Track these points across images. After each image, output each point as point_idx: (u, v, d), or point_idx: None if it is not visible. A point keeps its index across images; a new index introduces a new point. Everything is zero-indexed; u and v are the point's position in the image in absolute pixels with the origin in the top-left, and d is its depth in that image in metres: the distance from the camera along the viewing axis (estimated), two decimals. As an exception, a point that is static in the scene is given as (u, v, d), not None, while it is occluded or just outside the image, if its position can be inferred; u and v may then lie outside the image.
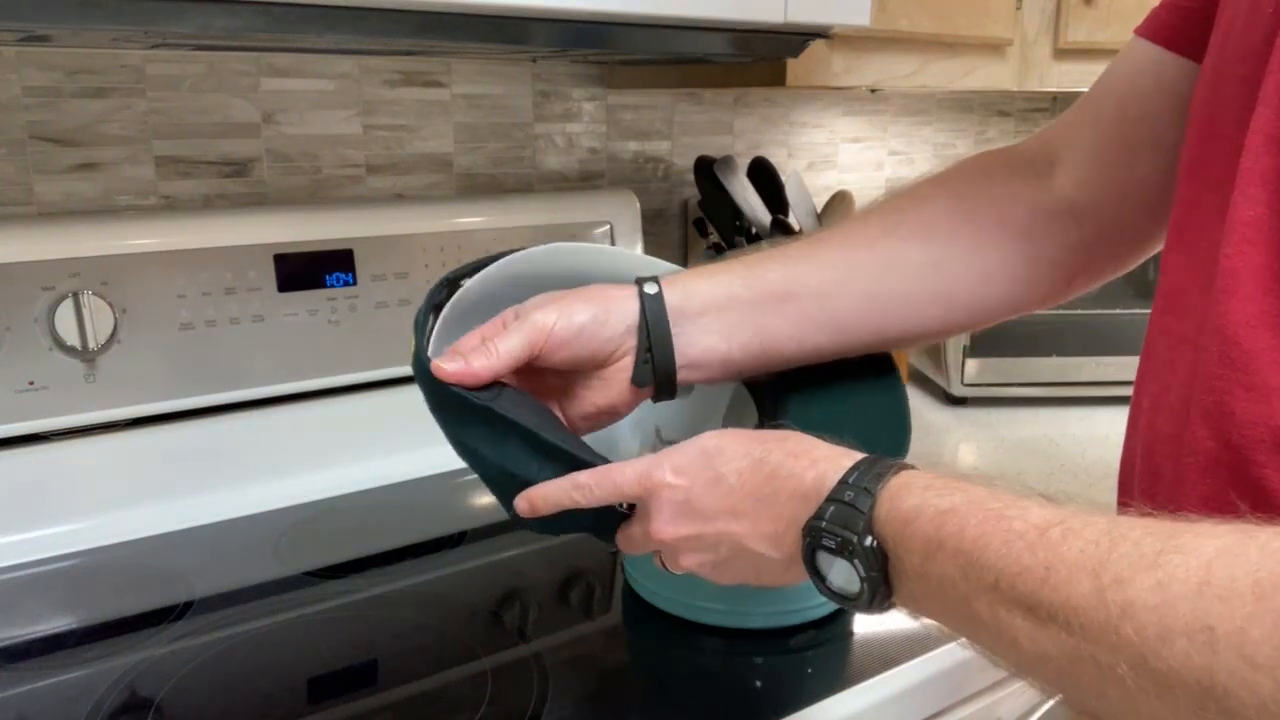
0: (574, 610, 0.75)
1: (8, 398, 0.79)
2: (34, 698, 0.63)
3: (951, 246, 0.61)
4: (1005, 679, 0.74)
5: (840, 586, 0.44)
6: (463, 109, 1.07)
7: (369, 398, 0.96)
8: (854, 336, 0.61)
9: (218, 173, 0.95)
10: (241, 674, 0.66)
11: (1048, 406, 1.24)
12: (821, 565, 0.44)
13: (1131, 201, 0.60)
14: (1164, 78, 0.56)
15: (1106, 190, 0.60)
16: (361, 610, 0.74)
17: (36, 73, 0.85)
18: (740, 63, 0.98)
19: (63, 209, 0.88)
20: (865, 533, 0.42)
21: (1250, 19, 0.44)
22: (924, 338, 0.65)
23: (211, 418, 0.89)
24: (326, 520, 0.89)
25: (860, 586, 0.43)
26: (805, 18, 0.77)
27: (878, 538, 0.42)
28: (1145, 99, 0.58)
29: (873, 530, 0.42)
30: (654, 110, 1.22)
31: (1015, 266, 0.62)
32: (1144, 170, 0.58)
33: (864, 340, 0.62)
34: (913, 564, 0.41)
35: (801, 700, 0.62)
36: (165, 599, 0.75)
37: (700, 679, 0.66)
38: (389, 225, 0.95)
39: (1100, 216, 0.61)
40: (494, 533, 0.87)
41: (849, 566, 0.43)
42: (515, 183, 1.13)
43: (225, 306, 0.87)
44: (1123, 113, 0.59)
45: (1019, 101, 1.65)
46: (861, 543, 0.42)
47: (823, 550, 0.43)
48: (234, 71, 0.93)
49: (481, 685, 0.64)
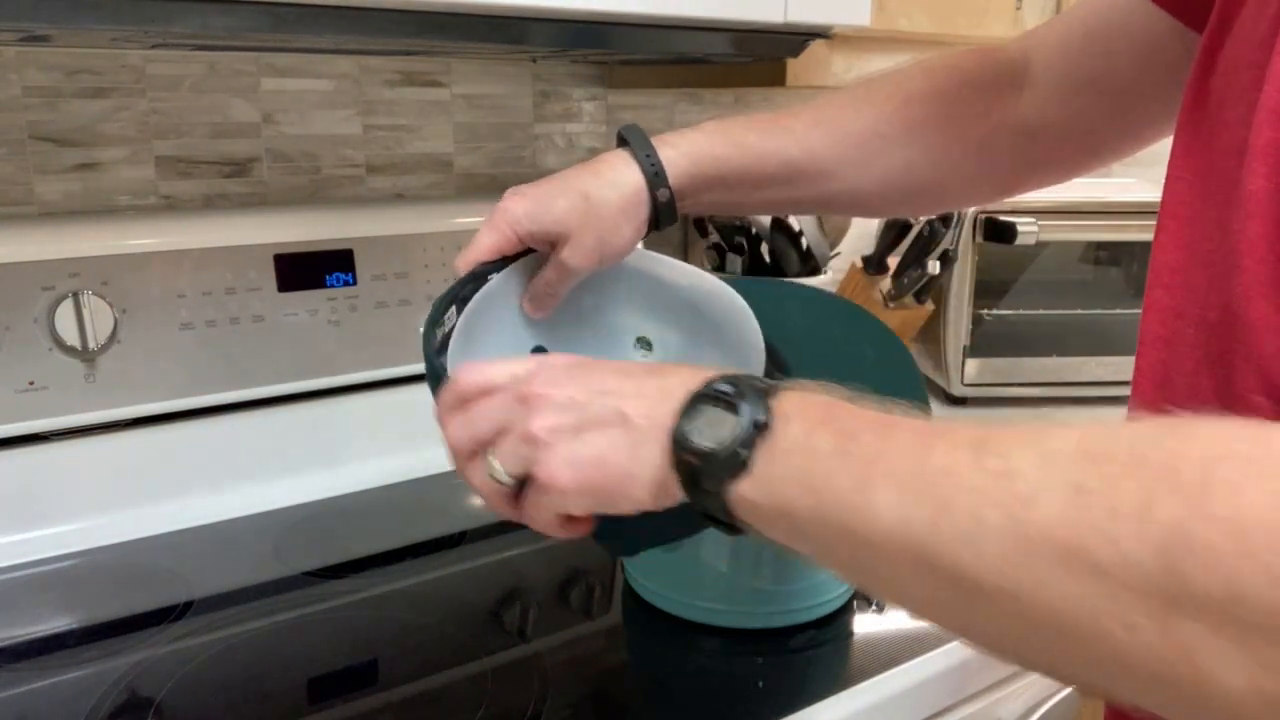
0: (574, 610, 0.75)
1: (8, 398, 0.79)
2: (34, 698, 0.63)
3: (926, 158, 0.66)
4: (1005, 679, 0.74)
5: (699, 440, 0.41)
6: (463, 109, 1.07)
7: (369, 398, 0.96)
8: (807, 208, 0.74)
9: (218, 173, 0.95)
10: (241, 674, 0.66)
11: (1048, 406, 1.24)
12: (690, 421, 0.42)
13: (1073, 133, 0.63)
14: (1133, 23, 0.57)
15: (1055, 118, 0.63)
16: (361, 610, 0.74)
17: (36, 73, 0.85)
18: (740, 63, 0.98)
19: (63, 209, 0.88)
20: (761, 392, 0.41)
21: (1258, 10, 0.45)
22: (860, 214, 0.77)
23: (211, 418, 0.89)
24: (326, 520, 0.89)
25: (730, 435, 0.40)
26: (805, 18, 0.77)
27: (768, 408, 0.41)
28: (1110, 38, 0.59)
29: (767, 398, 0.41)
30: (654, 110, 1.22)
31: (969, 172, 0.67)
32: (1087, 105, 0.61)
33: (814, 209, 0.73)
34: (790, 435, 0.40)
35: (801, 700, 0.62)
36: (165, 599, 0.75)
37: (700, 679, 0.66)
38: (389, 225, 0.95)
39: (1047, 141, 0.64)
40: (494, 533, 0.87)
41: (728, 415, 0.41)
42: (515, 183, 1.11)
43: (225, 306, 0.86)
44: (1087, 45, 0.61)
45: (1019, 101, 1.65)
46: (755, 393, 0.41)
47: (706, 400, 0.42)
48: (234, 71, 0.93)
49: (481, 685, 0.64)
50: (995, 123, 0.65)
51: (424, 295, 0.96)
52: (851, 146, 0.66)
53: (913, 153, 0.66)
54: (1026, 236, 1.14)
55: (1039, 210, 1.14)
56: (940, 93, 0.66)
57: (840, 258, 1.23)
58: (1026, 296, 1.25)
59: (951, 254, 1.16)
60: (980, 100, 0.66)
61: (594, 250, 0.61)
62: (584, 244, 0.60)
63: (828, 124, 0.67)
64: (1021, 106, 0.64)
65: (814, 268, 1.18)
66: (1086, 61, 0.61)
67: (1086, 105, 0.61)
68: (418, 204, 1.01)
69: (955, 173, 0.68)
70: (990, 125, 0.65)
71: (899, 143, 0.66)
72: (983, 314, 1.23)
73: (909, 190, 0.69)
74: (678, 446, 0.42)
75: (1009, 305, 1.25)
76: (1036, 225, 1.14)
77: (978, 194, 0.72)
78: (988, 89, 0.66)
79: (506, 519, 0.54)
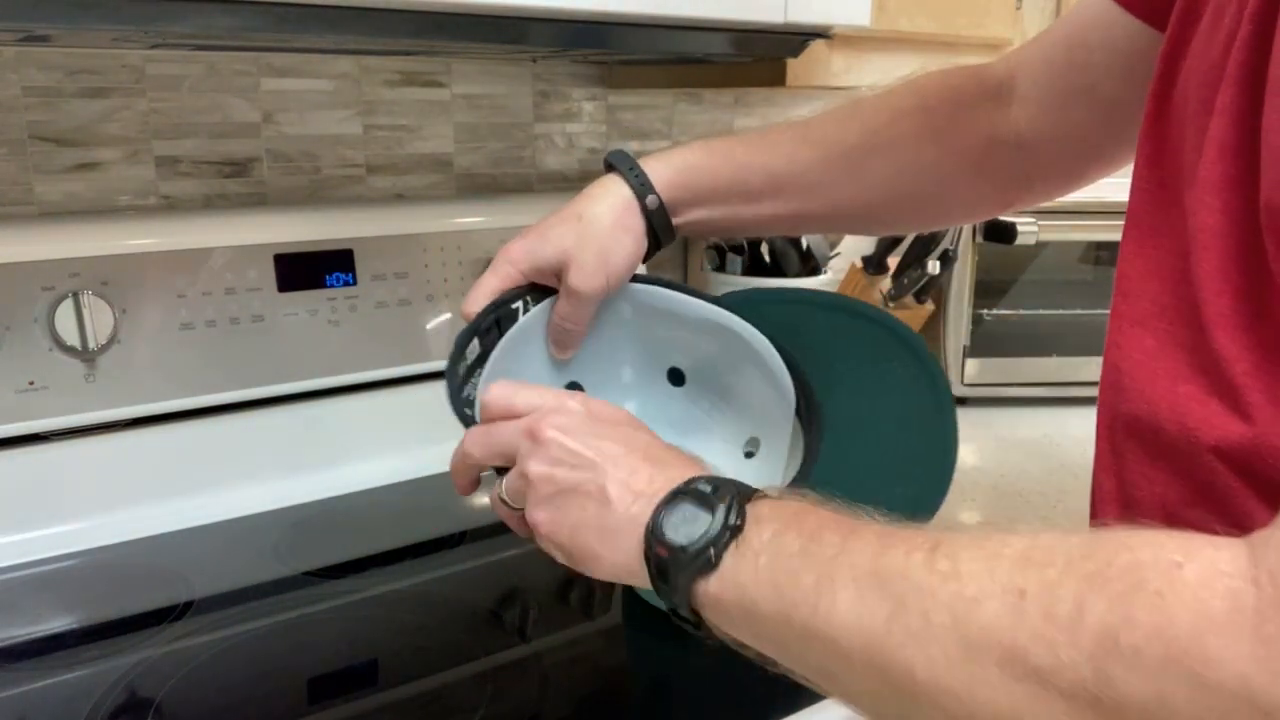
0: (574, 610, 0.75)
1: (8, 398, 0.79)
2: (34, 698, 0.63)
3: (915, 169, 0.67)
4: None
5: (673, 536, 0.43)
6: (463, 109, 1.07)
7: (369, 398, 0.96)
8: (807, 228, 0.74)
9: (218, 173, 0.95)
10: (241, 674, 0.66)
11: (1048, 406, 1.24)
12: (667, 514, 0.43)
13: (1068, 144, 0.63)
14: (1113, 34, 0.57)
15: (1048, 130, 0.63)
16: (361, 610, 0.74)
17: (36, 73, 0.85)
18: (740, 63, 0.98)
19: (63, 209, 0.88)
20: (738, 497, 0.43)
21: (1210, 34, 0.45)
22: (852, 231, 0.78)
23: (211, 418, 0.89)
24: (326, 520, 0.89)
25: (702, 534, 0.42)
26: (805, 18, 0.77)
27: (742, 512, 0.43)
28: (1090, 50, 0.59)
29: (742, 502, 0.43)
30: (654, 110, 1.22)
31: (962, 189, 0.68)
32: (1079, 117, 0.61)
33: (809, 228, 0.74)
34: (760, 537, 0.41)
35: (801, 700, 0.62)
36: (165, 599, 0.75)
37: (700, 679, 0.66)
38: (389, 225, 0.95)
39: (1040, 153, 0.64)
40: (494, 533, 0.87)
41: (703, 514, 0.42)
42: (515, 183, 1.13)
43: (225, 306, 0.86)
44: (1070, 58, 0.61)
45: (1019, 101, 1.65)
46: (733, 497, 0.43)
47: (686, 498, 0.43)
48: (234, 71, 0.93)
49: (481, 685, 0.64)
50: (986, 136, 0.65)
51: (424, 295, 0.96)
52: (838, 159, 0.66)
53: (902, 166, 0.66)
54: (1026, 237, 1.14)
55: (1039, 210, 1.14)
56: (928, 108, 0.66)
57: (840, 258, 1.24)
58: (1026, 296, 1.25)
59: (951, 254, 1.16)
60: (969, 115, 0.66)
61: (597, 269, 0.61)
62: (586, 264, 0.61)
63: (814, 139, 0.67)
64: (1011, 120, 0.65)
65: (814, 268, 1.18)
66: (1072, 74, 0.61)
67: (1077, 116, 0.61)
68: (418, 204, 1.01)
69: (948, 186, 0.68)
70: (981, 139, 0.65)
71: (887, 156, 0.66)
72: (983, 314, 1.23)
73: (902, 204, 0.69)
74: (651, 537, 0.44)
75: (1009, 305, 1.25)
76: (1036, 225, 1.14)
77: (979, 208, 0.71)
78: (975, 104, 0.66)
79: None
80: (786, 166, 0.66)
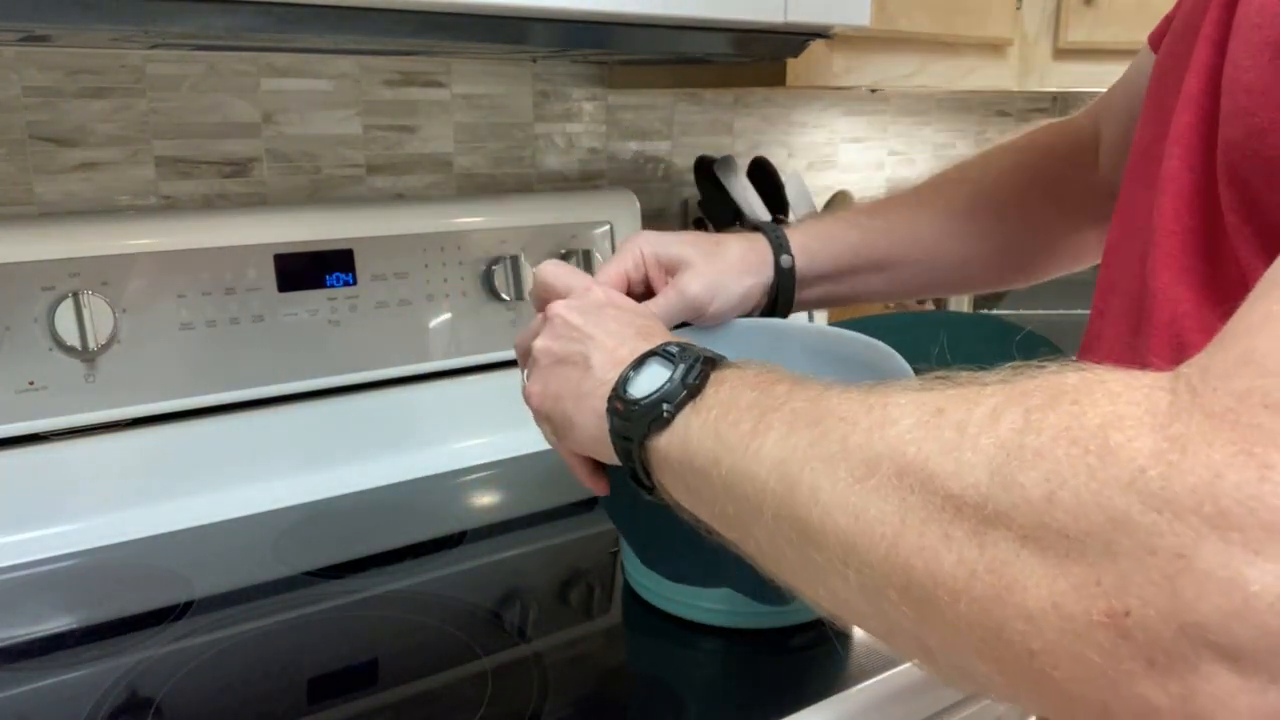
0: (574, 610, 0.75)
1: (8, 398, 0.79)
2: (34, 698, 0.63)
3: (1020, 224, 0.70)
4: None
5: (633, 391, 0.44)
6: (463, 109, 1.07)
7: (369, 398, 0.96)
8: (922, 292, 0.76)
9: (218, 173, 0.95)
10: (241, 674, 0.66)
11: (1048, 406, 1.24)
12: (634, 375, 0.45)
13: None
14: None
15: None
16: (361, 610, 0.74)
17: (36, 73, 0.85)
18: (740, 63, 0.98)
19: (63, 209, 0.88)
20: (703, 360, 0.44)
21: (1192, 7, 0.47)
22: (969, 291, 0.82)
23: (211, 418, 0.89)
24: (326, 520, 0.89)
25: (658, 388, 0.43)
26: (805, 18, 0.77)
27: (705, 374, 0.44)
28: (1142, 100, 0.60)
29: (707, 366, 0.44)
30: (654, 110, 1.22)
31: (1062, 239, 0.71)
32: None
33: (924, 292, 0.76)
34: (717, 395, 0.42)
35: (801, 700, 0.62)
36: (165, 599, 0.75)
37: (700, 679, 0.66)
38: (389, 225, 0.95)
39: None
40: (494, 533, 0.87)
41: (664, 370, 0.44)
42: (515, 183, 1.13)
43: (225, 306, 0.86)
44: (1130, 110, 0.63)
45: (1019, 101, 1.65)
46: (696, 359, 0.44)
47: (653, 357, 0.45)
48: (234, 71, 0.93)
49: (481, 685, 0.64)
50: (1083, 186, 0.68)
51: (424, 295, 0.96)
52: (960, 218, 0.70)
53: (1014, 222, 0.70)
54: (1026, 236, 1.14)
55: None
56: (1026, 166, 0.70)
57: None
58: (1027, 296, 1.25)
59: (951, 254, 1.16)
60: (1064, 167, 0.69)
61: (710, 285, 0.63)
62: (702, 274, 0.62)
63: (927, 201, 0.71)
64: (1101, 169, 0.67)
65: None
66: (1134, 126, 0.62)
67: None
68: (418, 204, 1.01)
69: (1056, 237, 0.71)
70: (1079, 189, 0.68)
71: (1000, 214, 0.69)
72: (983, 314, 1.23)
73: (1020, 259, 0.72)
74: (613, 395, 0.45)
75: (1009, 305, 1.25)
76: (1036, 225, 1.14)
77: (1085, 255, 0.73)
78: (1069, 157, 0.69)
79: (507, 520, 0.55)
80: (910, 230, 0.69)
